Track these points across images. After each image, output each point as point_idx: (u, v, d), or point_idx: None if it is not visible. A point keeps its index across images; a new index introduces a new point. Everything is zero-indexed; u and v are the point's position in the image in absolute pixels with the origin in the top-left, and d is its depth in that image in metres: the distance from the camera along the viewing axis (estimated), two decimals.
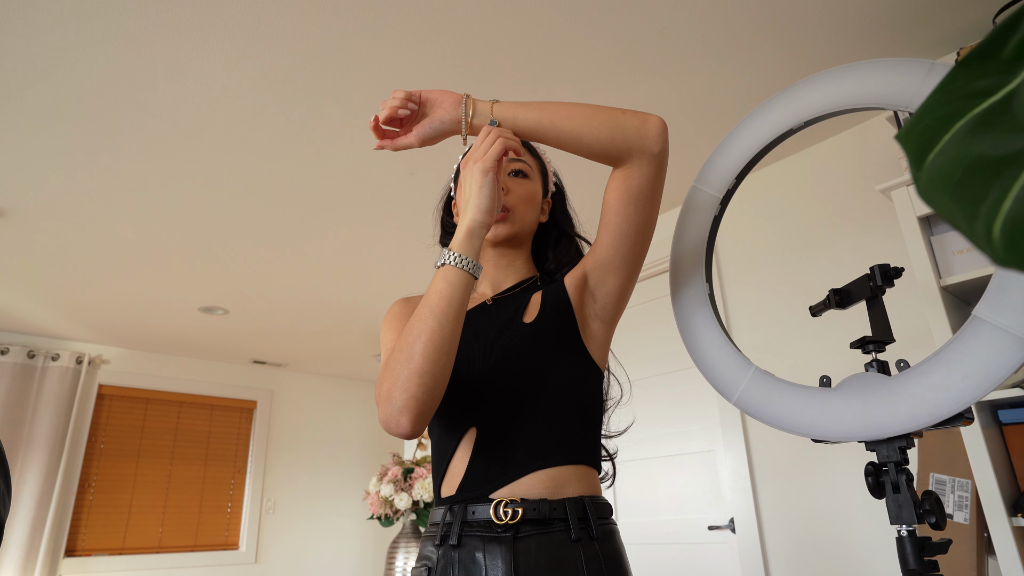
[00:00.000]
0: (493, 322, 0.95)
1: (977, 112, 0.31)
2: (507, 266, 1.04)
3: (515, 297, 1.00)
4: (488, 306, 0.99)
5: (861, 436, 0.83)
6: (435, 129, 0.91)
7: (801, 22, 1.71)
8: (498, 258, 1.04)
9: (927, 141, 0.33)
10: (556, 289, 0.98)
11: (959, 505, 1.51)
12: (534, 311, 0.96)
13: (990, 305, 0.75)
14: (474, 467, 0.85)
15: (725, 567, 2.21)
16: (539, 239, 1.13)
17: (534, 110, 0.88)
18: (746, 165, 1.04)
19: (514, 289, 1.02)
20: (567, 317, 0.95)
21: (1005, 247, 0.25)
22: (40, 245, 2.81)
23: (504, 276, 1.05)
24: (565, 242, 1.10)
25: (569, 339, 0.93)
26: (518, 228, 1.01)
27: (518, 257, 1.05)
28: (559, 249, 1.09)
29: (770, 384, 0.93)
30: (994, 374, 0.73)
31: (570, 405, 0.89)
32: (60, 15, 1.60)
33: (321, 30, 1.68)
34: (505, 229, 0.99)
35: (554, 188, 1.13)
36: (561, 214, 1.12)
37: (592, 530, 0.82)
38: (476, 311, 0.99)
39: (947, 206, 0.29)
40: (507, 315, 0.96)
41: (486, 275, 1.05)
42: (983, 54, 0.33)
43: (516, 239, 1.03)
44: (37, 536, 3.70)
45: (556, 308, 0.95)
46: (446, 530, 0.83)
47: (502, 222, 0.99)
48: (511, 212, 0.99)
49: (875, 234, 2.01)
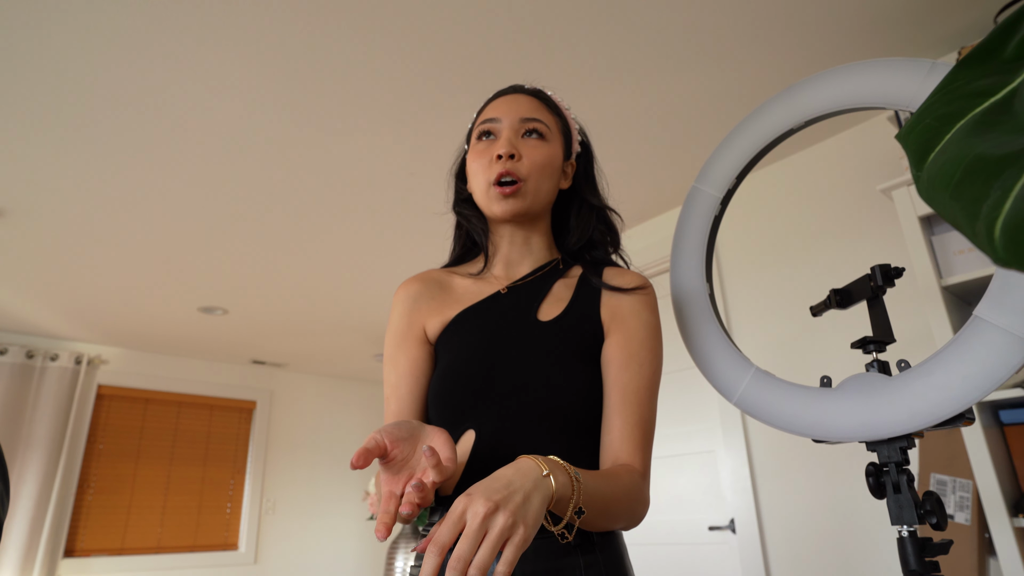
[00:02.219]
0: (504, 316, 0.87)
1: (978, 112, 0.31)
2: (522, 243, 0.93)
3: (532, 286, 0.91)
4: (501, 296, 0.90)
5: (862, 436, 0.83)
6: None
7: (801, 22, 1.71)
8: (512, 234, 0.93)
9: (928, 141, 0.32)
10: (588, 297, 0.89)
11: (960, 505, 1.51)
12: (553, 308, 0.88)
13: (991, 305, 0.75)
14: (471, 470, 0.79)
15: (725, 568, 2.21)
16: (561, 208, 0.99)
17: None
18: (746, 165, 1.04)
19: (531, 276, 0.92)
20: (592, 325, 0.87)
21: (1006, 247, 0.25)
22: (39, 245, 2.81)
23: (520, 255, 0.94)
24: (587, 213, 0.97)
25: (587, 349, 0.85)
26: (531, 202, 0.88)
27: (535, 232, 0.94)
28: (582, 220, 0.96)
29: (771, 384, 0.93)
30: (995, 374, 0.73)
31: (577, 419, 0.82)
32: (60, 15, 1.60)
33: (321, 30, 1.68)
34: (516, 204, 0.87)
35: (579, 149, 0.99)
36: (584, 180, 0.98)
37: (593, 535, 0.77)
38: (488, 303, 0.89)
39: (948, 206, 0.29)
40: (521, 309, 0.88)
41: (499, 252, 0.94)
42: (984, 54, 0.33)
43: (531, 213, 0.90)
44: (36, 537, 3.69)
45: (581, 313, 0.87)
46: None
47: (513, 196, 0.86)
48: (524, 183, 0.86)
49: (876, 234, 2.01)
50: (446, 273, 0.97)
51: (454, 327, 0.89)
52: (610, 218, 0.98)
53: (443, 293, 0.93)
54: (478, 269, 0.96)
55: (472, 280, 0.94)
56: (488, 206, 0.89)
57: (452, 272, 0.97)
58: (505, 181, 0.86)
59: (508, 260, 0.93)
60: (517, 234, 0.93)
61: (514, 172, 0.86)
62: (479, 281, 0.94)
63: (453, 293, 0.93)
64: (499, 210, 0.87)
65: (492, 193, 0.87)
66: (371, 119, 2.05)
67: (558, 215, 1.00)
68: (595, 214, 0.97)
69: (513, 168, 0.86)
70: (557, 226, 1.00)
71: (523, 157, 0.87)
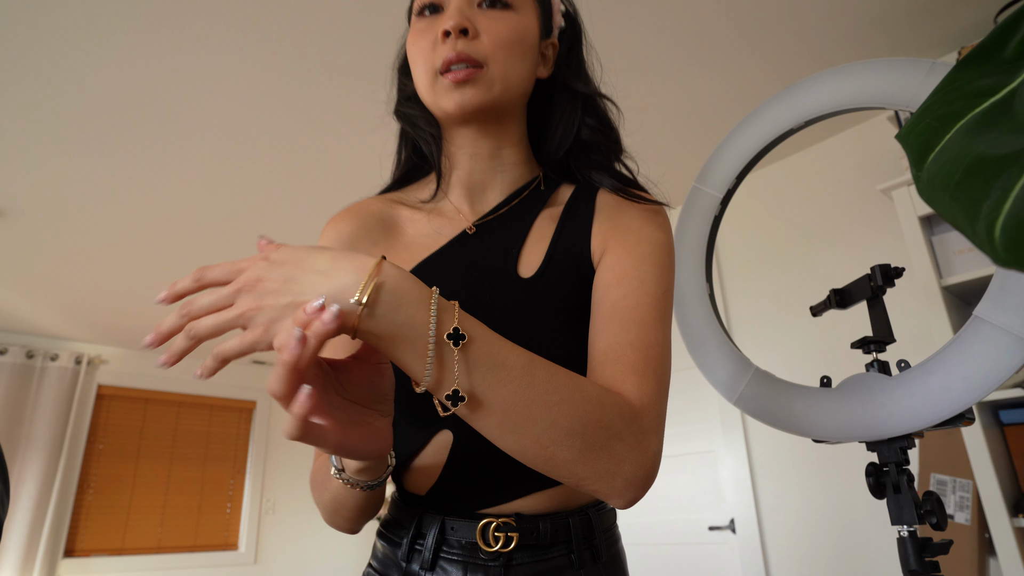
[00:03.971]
0: (474, 271, 0.63)
1: (978, 112, 0.31)
2: (489, 157, 0.68)
3: (507, 223, 0.67)
4: (468, 238, 0.66)
5: (862, 436, 0.83)
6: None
7: (801, 22, 1.71)
8: (475, 143, 0.68)
9: (928, 140, 0.32)
10: (578, 232, 0.65)
11: (960, 506, 1.51)
12: (536, 255, 0.64)
13: (991, 305, 0.75)
14: (451, 475, 0.60)
15: (726, 568, 2.21)
16: (538, 105, 0.74)
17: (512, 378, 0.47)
18: (746, 165, 1.04)
19: (505, 207, 0.68)
20: (584, 272, 0.63)
21: (1006, 247, 0.25)
22: (39, 245, 2.81)
23: (487, 175, 0.69)
24: (571, 104, 0.71)
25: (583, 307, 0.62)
26: (496, 93, 0.63)
27: (505, 140, 0.69)
28: (566, 116, 0.71)
29: (771, 384, 0.93)
30: (995, 374, 0.73)
31: None
32: (60, 15, 1.60)
33: (321, 30, 1.68)
34: (474, 95, 0.62)
35: (562, 24, 0.74)
36: (567, 63, 0.73)
37: (598, 551, 0.62)
38: (452, 247, 0.65)
39: (948, 206, 0.29)
40: (496, 260, 0.64)
41: (460, 170, 0.69)
42: (984, 54, 0.33)
43: (498, 109, 0.65)
44: (36, 537, 3.69)
45: (571, 260, 0.64)
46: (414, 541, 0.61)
47: (469, 84, 0.62)
48: (486, 67, 0.62)
49: (876, 234, 2.01)
50: (388, 203, 0.72)
51: None
52: (603, 108, 0.72)
53: (387, 236, 0.69)
54: (429, 193, 0.71)
55: (425, 214, 0.69)
56: (435, 102, 0.64)
57: (396, 201, 0.72)
58: (456, 68, 0.62)
59: (470, 182, 0.69)
60: (481, 144, 0.68)
61: (468, 55, 0.61)
62: (434, 216, 0.69)
63: (401, 236, 0.69)
64: (450, 104, 0.62)
65: (439, 84, 0.63)
66: (371, 120, 2.05)
67: (537, 118, 0.74)
68: (581, 104, 0.71)
69: (467, 49, 0.62)
70: (537, 133, 0.74)
71: (481, 34, 0.63)
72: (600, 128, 0.71)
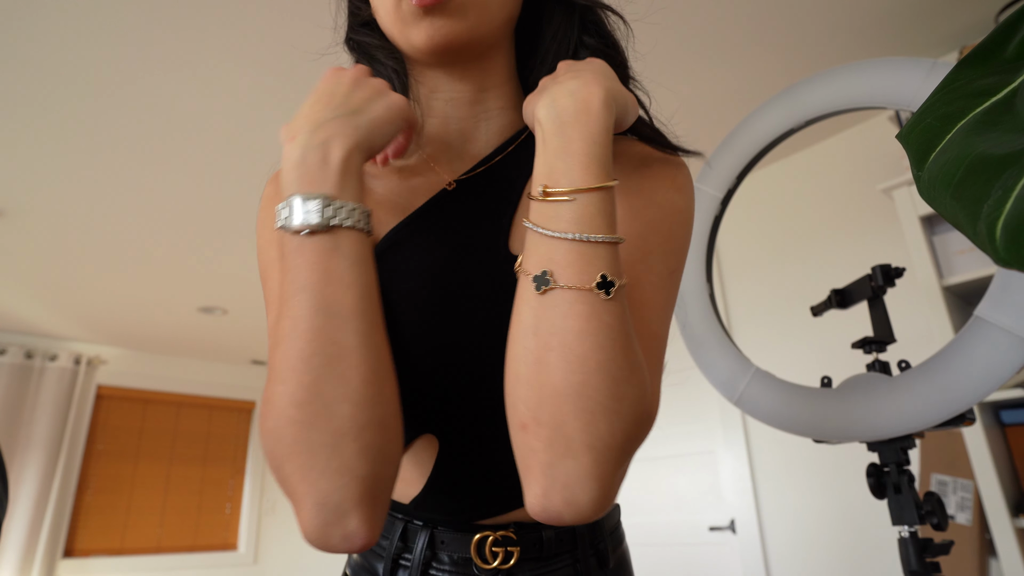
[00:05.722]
0: (456, 241, 0.53)
1: (979, 111, 0.31)
2: (471, 101, 0.57)
3: (495, 182, 0.55)
4: (447, 197, 0.55)
5: (863, 437, 0.83)
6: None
7: (802, 22, 1.71)
8: (451, 85, 0.56)
9: (929, 140, 0.32)
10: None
11: (961, 506, 1.51)
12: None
13: (992, 305, 0.75)
14: (438, 484, 0.52)
15: (726, 568, 2.21)
16: (527, 27, 0.60)
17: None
18: (747, 165, 1.04)
19: (490, 161, 0.56)
20: None
21: (1007, 247, 0.25)
22: (39, 245, 2.81)
23: (469, 123, 0.57)
24: (565, 18, 0.57)
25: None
26: (473, 21, 0.50)
27: (490, 78, 0.57)
28: (558, 33, 0.57)
29: (771, 384, 0.93)
30: (996, 374, 0.73)
31: None
32: (59, 15, 1.60)
33: (321, 30, 1.68)
34: (450, 26, 0.50)
35: None
36: None
37: (604, 557, 0.56)
38: (427, 214, 0.54)
39: (949, 206, 0.29)
40: (483, 234, 0.53)
41: (434, 119, 0.57)
42: (985, 53, 0.33)
43: (477, 42, 0.53)
44: (35, 537, 3.69)
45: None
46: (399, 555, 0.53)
47: (441, 11, 0.49)
48: None
49: (876, 234, 2.01)
50: None
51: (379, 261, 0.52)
52: (606, 22, 0.59)
53: None
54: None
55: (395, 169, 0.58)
56: (403, 33, 0.51)
57: None
58: None
59: (447, 132, 0.57)
60: (459, 87, 0.56)
61: None
62: (407, 171, 0.58)
63: (369, 193, 0.57)
64: (420, 39, 0.50)
65: (405, 10, 0.50)
66: None
67: (526, 44, 0.61)
68: (578, 18, 0.57)
69: None
70: (526, 60, 0.61)
71: None
72: (602, 48, 0.58)
